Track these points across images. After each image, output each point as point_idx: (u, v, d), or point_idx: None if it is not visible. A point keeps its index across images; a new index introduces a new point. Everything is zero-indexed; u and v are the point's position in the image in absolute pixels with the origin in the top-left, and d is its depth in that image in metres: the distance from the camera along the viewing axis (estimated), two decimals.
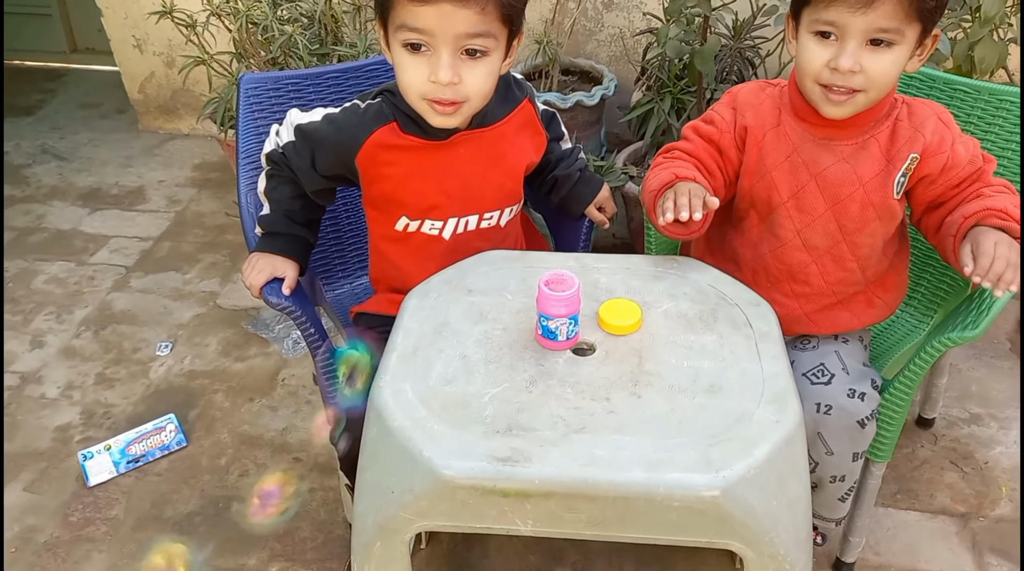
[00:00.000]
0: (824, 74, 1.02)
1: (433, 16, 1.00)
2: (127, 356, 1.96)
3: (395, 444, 0.81)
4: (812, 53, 1.02)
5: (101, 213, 2.54)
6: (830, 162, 1.10)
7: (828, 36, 1.00)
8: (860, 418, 1.12)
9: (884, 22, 0.96)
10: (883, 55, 0.99)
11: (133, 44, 2.81)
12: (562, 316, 0.90)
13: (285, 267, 1.22)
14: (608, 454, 0.78)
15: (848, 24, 0.97)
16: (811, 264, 1.15)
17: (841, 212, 1.12)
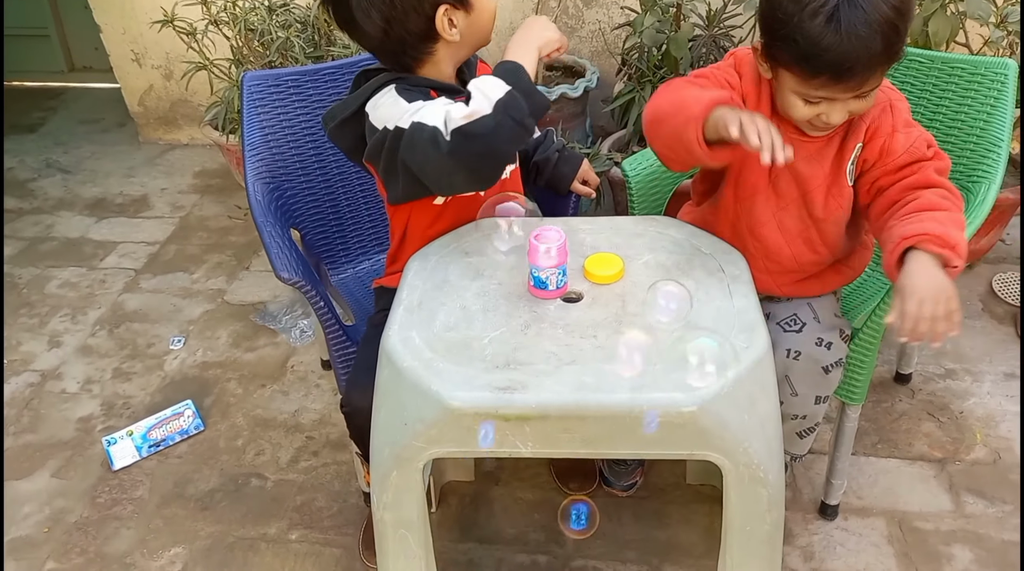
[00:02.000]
0: (816, 121, 1.09)
1: None
2: (142, 351, 2.05)
3: (406, 382, 0.91)
4: (799, 111, 1.08)
5: (108, 221, 2.63)
6: (798, 158, 1.14)
7: (812, 102, 1.06)
8: (825, 364, 1.21)
9: (870, 86, 1.04)
10: (865, 100, 1.07)
11: (132, 58, 2.91)
12: (551, 267, 1.00)
13: None
14: (596, 380, 0.88)
15: (838, 97, 1.04)
16: (785, 247, 1.21)
17: (810, 201, 1.19)
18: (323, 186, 1.65)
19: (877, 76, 1.04)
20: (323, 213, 1.66)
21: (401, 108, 1.11)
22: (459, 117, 1.02)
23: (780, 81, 1.09)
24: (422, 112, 1.07)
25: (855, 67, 1.00)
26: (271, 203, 1.51)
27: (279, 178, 1.58)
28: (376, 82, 1.22)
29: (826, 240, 1.22)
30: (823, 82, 1.02)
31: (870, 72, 1.02)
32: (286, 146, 1.59)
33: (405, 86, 1.19)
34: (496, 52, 2.43)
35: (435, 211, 1.24)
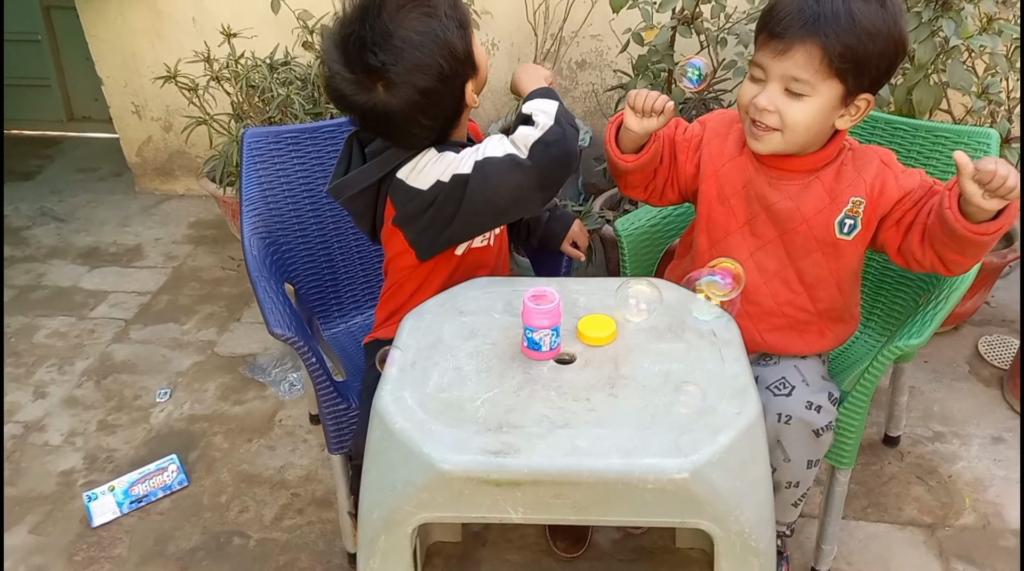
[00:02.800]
0: (750, 109, 1.16)
1: None
2: (128, 403, 2.03)
3: (397, 443, 0.90)
4: (744, 89, 1.17)
5: (100, 270, 2.63)
6: (776, 199, 1.22)
7: (758, 80, 1.15)
8: (817, 428, 1.22)
9: (797, 71, 1.09)
10: (796, 103, 1.12)
11: (132, 110, 2.95)
12: (545, 328, 1.01)
13: None
14: (589, 444, 0.88)
15: (769, 67, 1.12)
16: (762, 285, 1.26)
17: (788, 240, 1.24)
18: (319, 241, 1.66)
19: (802, 56, 1.08)
20: (318, 268, 1.67)
21: (448, 159, 1.17)
22: (531, 134, 1.15)
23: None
24: (482, 151, 1.15)
25: (784, 21, 1.08)
26: (266, 258, 1.53)
27: (275, 233, 1.59)
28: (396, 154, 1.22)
29: (804, 280, 1.26)
30: (764, 40, 1.12)
31: (797, 39, 1.08)
32: (283, 202, 1.61)
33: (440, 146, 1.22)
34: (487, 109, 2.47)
35: (455, 261, 1.28)
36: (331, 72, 1.16)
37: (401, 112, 1.14)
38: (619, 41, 1.98)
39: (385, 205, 1.27)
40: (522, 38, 2.56)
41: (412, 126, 1.16)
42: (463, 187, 1.14)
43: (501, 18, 2.54)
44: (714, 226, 1.27)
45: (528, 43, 2.52)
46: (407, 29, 1.10)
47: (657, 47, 1.76)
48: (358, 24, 1.11)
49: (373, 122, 1.19)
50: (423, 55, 1.11)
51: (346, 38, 1.12)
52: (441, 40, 1.12)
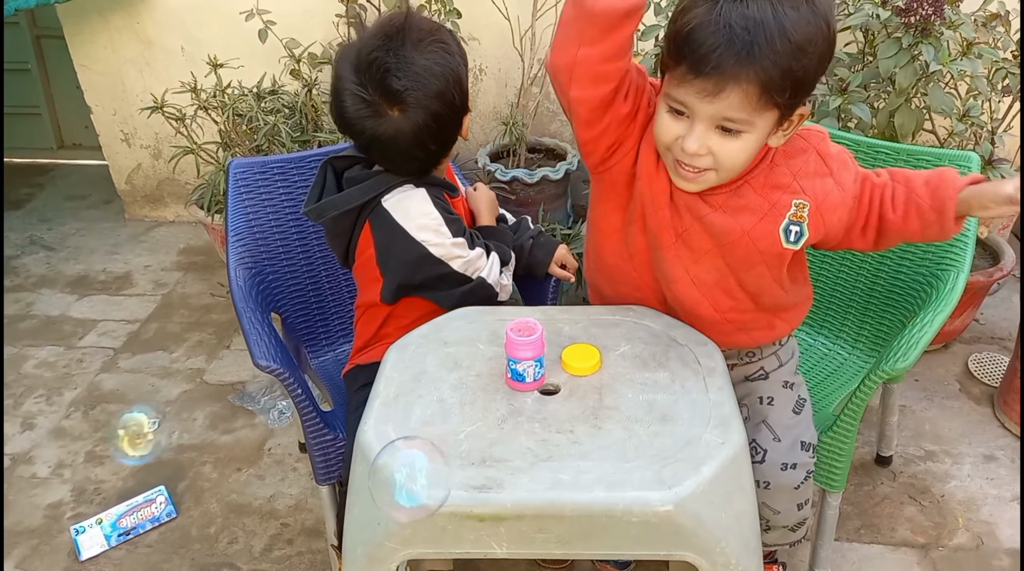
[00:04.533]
0: (675, 148, 1.01)
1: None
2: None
3: (379, 479, 0.90)
4: (663, 126, 1.00)
5: (88, 299, 2.62)
6: (707, 211, 1.09)
7: (681, 114, 0.98)
8: (797, 484, 1.21)
9: (731, 112, 0.95)
10: (732, 142, 0.98)
11: (121, 138, 2.96)
12: (528, 359, 1.01)
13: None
14: (572, 477, 0.87)
15: (695, 108, 0.96)
16: (702, 299, 1.15)
17: (728, 252, 1.12)
18: (306, 271, 1.66)
19: (736, 96, 0.93)
20: (305, 297, 1.67)
21: (443, 235, 1.25)
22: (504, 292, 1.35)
23: (658, 105, 1.02)
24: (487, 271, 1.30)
25: (712, 57, 0.91)
26: (252, 288, 1.52)
27: (262, 263, 1.59)
28: (386, 179, 1.27)
29: (747, 287, 1.16)
30: (683, 73, 0.94)
31: (731, 76, 0.92)
32: (270, 231, 1.61)
33: (428, 188, 1.28)
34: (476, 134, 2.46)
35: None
36: (345, 94, 1.21)
37: (412, 135, 1.21)
38: None
39: (361, 231, 1.28)
40: (509, 63, 2.58)
41: (419, 150, 1.23)
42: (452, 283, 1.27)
43: (488, 44, 2.56)
44: (650, 232, 1.13)
45: (515, 68, 2.54)
46: (428, 60, 1.19)
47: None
48: (382, 51, 1.18)
49: (380, 146, 1.24)
50: (440, 84, 1.19)
51: (368, 63, 1.18)
52: (455, 74, 1.21)
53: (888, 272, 1.55)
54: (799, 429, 1.24)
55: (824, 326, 1.66)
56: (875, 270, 1.57)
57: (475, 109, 2.71)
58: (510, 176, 2.38)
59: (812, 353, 1.63)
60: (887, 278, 1.55)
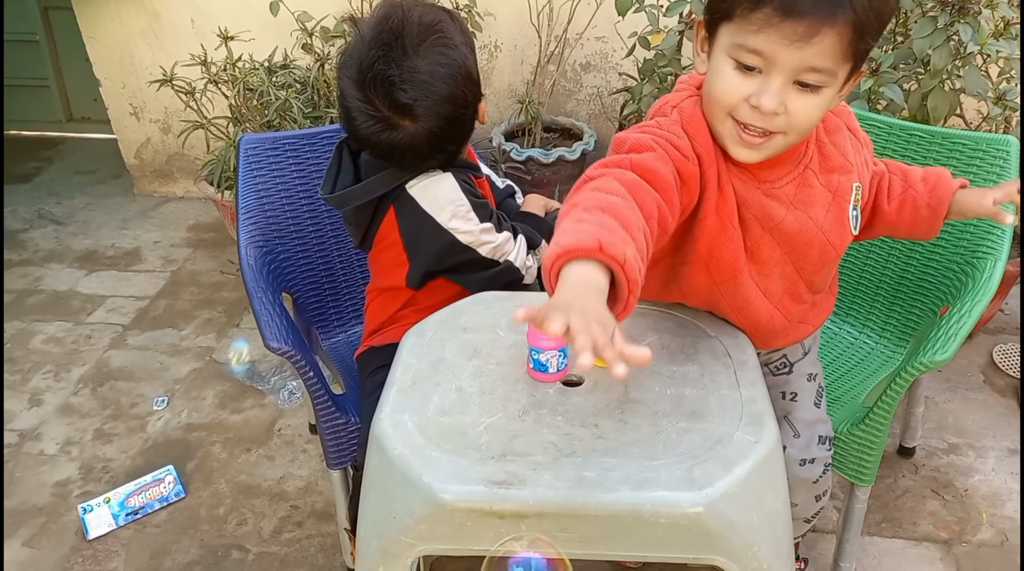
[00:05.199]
0: (742, 110, 0.87)
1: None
2: (124, 411, 1.99)
3: (396, 471, 0.86)
4: (729, 83, 0.87)
5: (97, 274, 2.59)
6: (782, 213, 0.98)
7: (750, 70, 0.85)
8: (815, 478, 1.18)
9: (818, 61, 0.82)
10: (810, 98, 0.86)
11: (130, 112, 2.91)
12: (551, 349, 0.96)
13: None
14: (597, 475, 0.84)
15: (778, 57, 0.83)
16: (774, 312, 1.08)
17: (799, 257, 1.03)
18: (318, 250, 1.62)
19: (829, 39, 0.81)
20: (317, 277, 1.63)
21: (472, 221, 1.22)
22: (530, 274, 1.31)
23: (714, 54, 0.88)
24: (514, 255, 1.28)
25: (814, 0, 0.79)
26: (263, 267, 1.49)
27: (273, 242, 1.55)
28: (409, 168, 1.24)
29: (814, 288, 1.11)
30: (766, 17, 0.81)
31: (822, 15, 0.79)
32: (281, 209, 1.57)
33: (455, 171, 1.25)
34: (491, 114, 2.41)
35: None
36: (354, 111, 1.17)
37: (428, 141, 1.17)
38: (624, 44, 1.94)
39: (384, 217, 1.24)
40: (525, 40, 2.51)
41: (437, 153, 1.21)
42: (475, 265, 1.24)
43: (504, 20, 2.49)
44: (718, 265, 1.00)
45: (532, 45, 2.47)
46: (433, 64, 1.14)
47: (664, 51, 1.72)
48: (383, 63, 1.12)
49: (399, 155, 1.20)
50: (449, 87, 1.15)
51: (372, 79, 1.13)
52: (463, 70, 1.16)
53: (919, 259, 1.50)
54: (818, 425, 1.21)
55: (850, 315, 1.62)
56: (906, 257, 1.52)
57: (490, 87, 2.65)
58: (525, 156, 2.33)
59: (837, 343, 1.59)
60: (918, 266, 1.50)
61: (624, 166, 0.85)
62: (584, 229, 0.73)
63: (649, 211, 0.82)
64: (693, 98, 0.96)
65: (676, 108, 0.95)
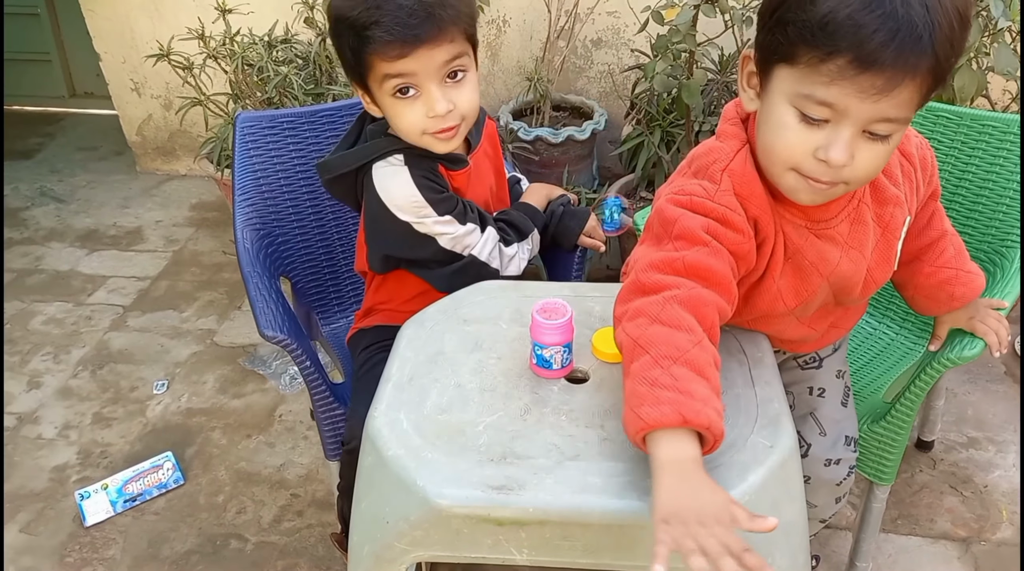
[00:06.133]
0: (807, 163, 0.80)
1: (413, 63, 1.09)
2: (124, 395, 1.96)
3: (390, 473, 0.82)
4: (795, 137, 0.79)
5: (99, 254, 2.55)
6: (837, 256, 0.92)
7: (816, 122, 0.78)
8: (839, 480, 1.14)
9: (893, 112, 0.75)
10: (877, 147, 0.79)
11: (131, 88, 2.85)
12: (556, 344, 0.91)
13: None
14: (602, 481, 0.79)
15: (850, 110, 0.75)
16: (809, 332, 1.06)
17: (844, 293, 0.99)
18: (317, 232, 1.57)
19: (907, 93, 0.74)
20: (316, 260, 1.58)
21: (425, 215, 1.16)
22: (513, 262, 1.25)
23: (771, 97, 0.80)
24: (479, 248, 1.20)
25: (889, 45, 0.71)
26: (260, 251, 1.44)
27: (270, 224, 1.50)
28: (380, 145, 1.20)
29: (851, 312, 1.10)
30: (839, 69, 0.73)
31: (904, 67, 0.72)
32: (279, 191, 1.52)
33: (416, 163, 1.19)
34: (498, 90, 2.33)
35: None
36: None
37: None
38: (637, 19, 1.86)
39: (363, 193, 1.21)
40: (535, 15, 2.43)
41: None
42: (430, 257, 1.20)
43: None
44: (751, 311, 0.97)
45: (541, 20, 2.39)
46: None
47: (679, 27, 1.64)
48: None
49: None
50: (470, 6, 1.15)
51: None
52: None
53: None
54: (845, 424, 1.15)
55: (870, 303, 1.55)
56: None
57: (498, 63, 2.57)
58: (533, 135, 2.26)
59: (857, 332, 1.53)
60: None
61: (678, 270, 0.82)
62: (662, 396, 0.73)
63: (712, 322, 0.81)
64: (743, 153, 0.88)
65: (726, 171, 0.87)
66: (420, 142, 1.17)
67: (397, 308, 1.31)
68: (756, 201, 0.87)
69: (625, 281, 0.86)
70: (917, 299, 1.17)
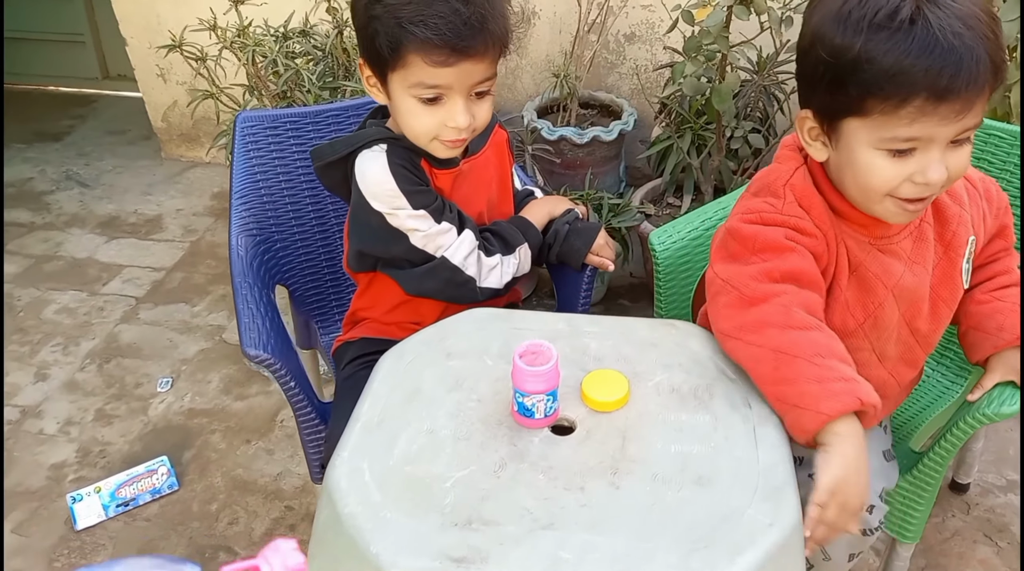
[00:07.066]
0: (904, 189, 0.84)
1: (452, 74, 1.02)
2: (128, 391, 1.93)
3: (343, 533, 0.75)
4: (887, 172, 0.84)
5: (117, 242, 2.53)
6: (900, 269, 0.93)
7: (902, 153, 0.83)
8: (865, 529, 1.03)
9: (973, 121, 0.82)
10: (961, 151, 0.84)
11: (157, 73, 2.82)
12: (539, 392, 0.83)
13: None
14: (575, 556, 0.71)
15: (936, 135, 0.81)
16: (888, 379, 1.02)
17: (914, 315, 0.98)
18: (320, 236, 1.51)
19: (981, 102, 0.81)
20: (318, 265, 1.52)
21: (398, 206, 1.09)
22: (493, 274, 1.15)
23: (848, 146, 0.85)
24: (452, 250, 1.12)
25: (959, 76, 0.77)
26: (255, 258, 1.38)
27: (269, 229, 1.44)
28: (370, 132, 1.15)
29: (928, 350, 1.04)
30: (917, 108, 0.78)
31: (976, 89, 0.79)
32: (280, 194, 1.46)
33: (397, 153, 1.11)
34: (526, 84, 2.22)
35: None
36: None
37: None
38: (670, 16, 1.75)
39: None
40: (566, 7, 2.32)
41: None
42: (405, 257, 1.13)
43: None
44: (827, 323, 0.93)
45: (572, 13, 2.28)
46: None
47: (710, 29, 1.53)
48: None
49: None
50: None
51: None
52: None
53: None
54: (883, 469, 1.06)
55: None
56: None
57: (526, 57, 2.48)
58: (557, 135, 2.16)
59: None
60: None
61: (776, 278, 0.88)
62: (835, 388, 0.82)
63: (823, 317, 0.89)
64: (801, 171, 0.94)
65: (787, 186, 0.93)
66: (427, 145, 1.11)
67: (381, 317, 1.24)
68: (816, 213, 0.91)
69: (724, 298, 0.91)
70: (968, 334, 1.07)
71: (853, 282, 0.94)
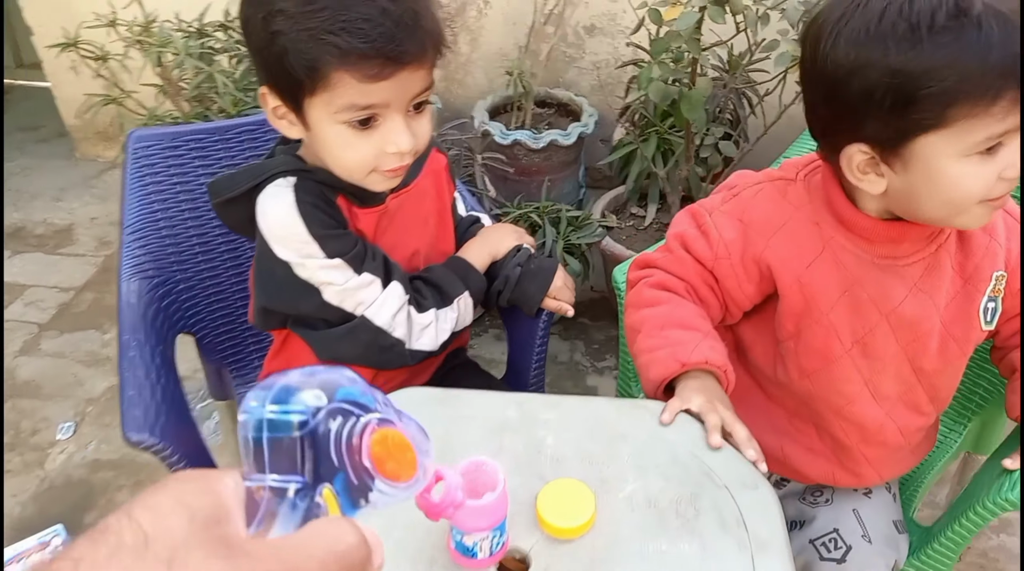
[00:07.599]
0: (996, 188, 0.76)
1: (388, 88, 0.84)
2: (24, 440, 1.69)
3: None
4: (978, 176, 0.75)
5: (21, 257, 2.27)
6: (902, 294, 0.84)
7: (986, 152, 0.74)
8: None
9: None
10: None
11: (68, 66, 2.52)
12: (482, 530, 0.64)
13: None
14: None
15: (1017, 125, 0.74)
16: (886, 421, 0.90)
17: (918, 351, 0.87)
18: (233, 271, 1.30)
19: None
20: (230, 308, 1.31)
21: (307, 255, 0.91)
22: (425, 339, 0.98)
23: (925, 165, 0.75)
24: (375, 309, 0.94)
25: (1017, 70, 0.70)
26: (151, 305, 1.16)
27: (169, 269, 1.22)
28: (276, 163, 0.95)
29: (936, 396, 0.92)
30: (1007, 108, 0.70)
31: None
32: (182, 225, 1.24)
33: (307, 188, 0.92)
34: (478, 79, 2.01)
35: None
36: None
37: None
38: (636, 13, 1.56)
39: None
40: None
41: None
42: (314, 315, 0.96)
43: None
44: (808, 350, 0.88)
45: (527, 2, 2.08)
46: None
47: (680, 32, 1.34)
48: None
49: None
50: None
51: None
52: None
53: None
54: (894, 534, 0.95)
55: None
56: None
57: (477, 50, 2.27)
58: (511, 139, 1.97)
59: None
60: None
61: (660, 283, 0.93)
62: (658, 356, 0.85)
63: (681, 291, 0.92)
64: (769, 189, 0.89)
65: (736, 200, 0.90)
66: (362, 180, 0.91)
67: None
68: (780, 241, 0.86)
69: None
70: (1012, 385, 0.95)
71: (842, 303, 0.85)
